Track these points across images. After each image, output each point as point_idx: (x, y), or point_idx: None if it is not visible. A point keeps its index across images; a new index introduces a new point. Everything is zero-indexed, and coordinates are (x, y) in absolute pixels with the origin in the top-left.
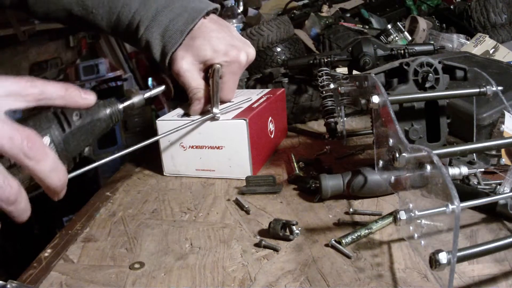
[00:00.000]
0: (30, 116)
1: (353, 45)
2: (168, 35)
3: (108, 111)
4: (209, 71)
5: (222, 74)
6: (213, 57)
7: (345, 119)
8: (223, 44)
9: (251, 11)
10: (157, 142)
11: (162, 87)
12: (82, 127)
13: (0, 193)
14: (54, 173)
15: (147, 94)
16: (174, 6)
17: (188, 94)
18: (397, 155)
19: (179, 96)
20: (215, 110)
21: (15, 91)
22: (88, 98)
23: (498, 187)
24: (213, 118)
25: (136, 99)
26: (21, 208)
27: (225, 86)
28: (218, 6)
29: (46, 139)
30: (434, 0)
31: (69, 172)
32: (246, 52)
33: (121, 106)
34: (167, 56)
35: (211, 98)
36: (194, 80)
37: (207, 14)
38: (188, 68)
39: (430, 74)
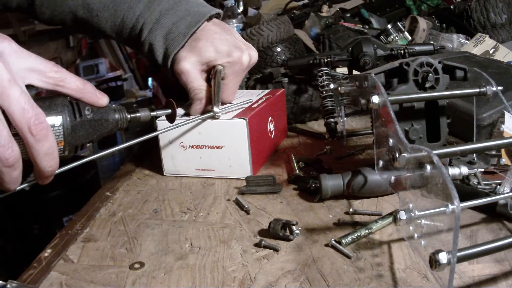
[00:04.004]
0: (47, 97)
1: (353, 45)
2: (171, 37)
3: (117, 116)
4: (211, 72)
5: (225, 75)
6: (216, 58)
7: (345, 119)
8: (226, 45)
9: (251, 11)
10: (157, 142)
11: (169, 111)
12: (91, 122)
13: (1, 151)
14: (48, 157)
15: (153, 113)
16: (177, 9)
17: (189, 94)
18: (397, 155)
19: (180, 97)
20: (215, 109)
21: (40, 69)
22: (102, 98)
23: (498, 187)
24: (214, 117)
25: (143, 113)
26: (15, 176)
27: (227, 87)
28: (220, 11)
29: (58, 119)
30: (434, 0)
31: (67, 160)
32: (249, 54)
33: (129, 116)
34: (169, 58)
35: (212, 98)
36: (196, 80)
37: (210, 18)
38: (191, 68)
39: (430, 74)
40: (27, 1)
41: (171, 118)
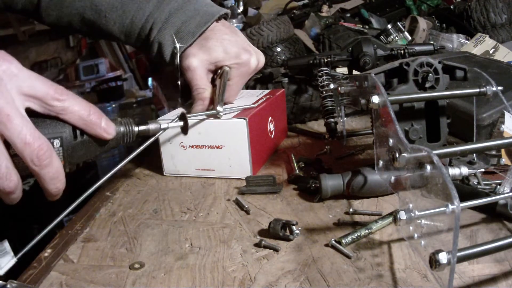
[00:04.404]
0: (48, 116)
1: (353, 45)
2: (180, 36)
3: (122, 130)
4: (217, 73)
5: (231, 76)
6: (224, 58)
7: (345, 119)
8: (236, 47)
9: (251, 11)
10: (157, 142)
11: (181, 123)
12: (93, 140)
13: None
14: (54, 181)
15: (164, 125)
16: (187, 8)
17: (192, 92)
18: (397, 155)
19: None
20: (218, 108)
21: (40, 97)
22: (107, 130)
23: (498, 187)
24: (216, 116)
25: (152, 126)
26: (14, 197)
27: (231, 88)
28: (228, 11)
29: (56, 142)
30: (434, 0)
31: (69, 174)
32: (257, 58)
33: (136, 129)
34: (177, 55)
35: (216, 97)
36: (201, 78)
37: (219, 18)
38: (198, 65)
39: (430, 74)
40: (32, 3)
41: (184, 130)
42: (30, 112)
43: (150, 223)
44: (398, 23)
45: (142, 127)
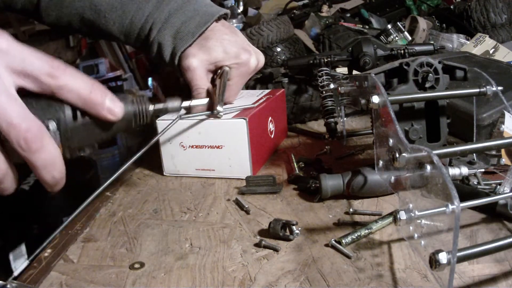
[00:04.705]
0: (44, 95)
1: (353, 45)
2: (180, 36)
3: (132, 110)
4: (217, 73)
5: (230, 76)
6: (224, 58)
7: (345, 119)
8: (235, 47)
9: (251, 11)
10: (157, 142)
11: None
12: (96, 122)
13: None
14: (48, 168)
15: (186, 104)
16: (186, 9)
17: (192, 92)
18: (397, 155)
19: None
20: (219, 108)
21: (34, 73)
22: (112, 111)
23: (498, 187)
24: (216, 116)
25: (171, 104)
26: (5, 186)
27: (230, 88)
28: (228, 11)
29: (52, 124)
30: (434, 0)
31: (69, 174)
32: (257, 58)
33: (151, 107)
34: (177, 55)
35: (216, 97)
36: (201, 78)
37: (219, 18)
38: (198, 65)
39: (430, 74)
40: (32, 3)
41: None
42: (24, 92)
43: (150, 223)
44: (398, 23)
45: (159, 106)
